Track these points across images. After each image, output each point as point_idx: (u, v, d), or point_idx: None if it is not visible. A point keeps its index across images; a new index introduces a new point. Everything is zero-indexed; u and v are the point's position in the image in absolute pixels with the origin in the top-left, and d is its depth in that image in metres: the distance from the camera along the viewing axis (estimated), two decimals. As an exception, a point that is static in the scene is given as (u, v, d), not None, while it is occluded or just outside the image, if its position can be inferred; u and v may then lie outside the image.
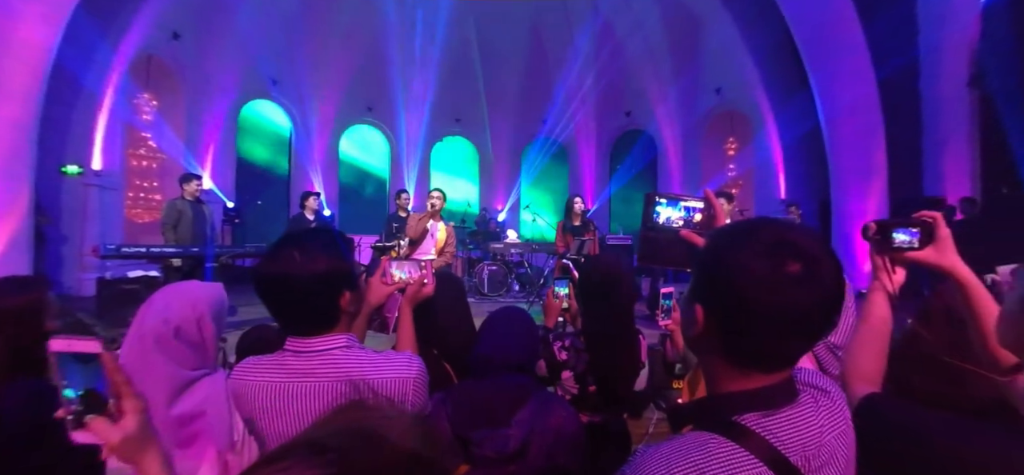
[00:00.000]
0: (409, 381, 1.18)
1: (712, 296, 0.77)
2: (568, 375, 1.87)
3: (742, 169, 12.54)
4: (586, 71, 12.71)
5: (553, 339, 1.91)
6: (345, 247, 1.25)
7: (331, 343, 1.16)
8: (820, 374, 0.89)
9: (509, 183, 14.41)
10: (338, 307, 1.17)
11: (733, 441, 0.72)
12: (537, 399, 1.41)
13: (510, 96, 13.66)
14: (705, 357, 0.82)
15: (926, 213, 1.06)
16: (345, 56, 12.20)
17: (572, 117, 13.43)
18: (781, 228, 0.74)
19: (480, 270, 8.91)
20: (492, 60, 13.14)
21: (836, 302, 0.74)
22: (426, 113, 12.93)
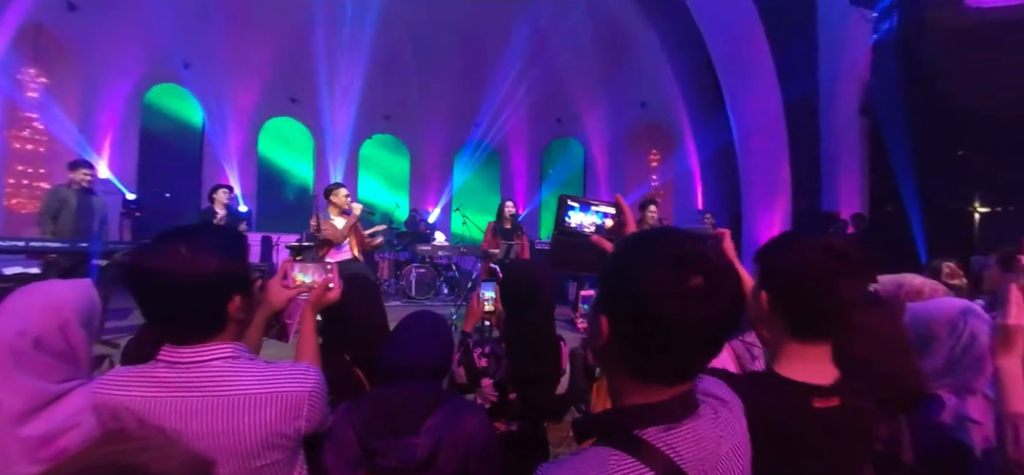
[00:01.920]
0: (304, 395, 1.09)
1: (615, 307, 0.75)
2: (488, 382, 1.83)
3: (664, 179, 13.16)
4: (519, 76, 12.82)
5: (473, 346, 1.86)
6: (240, 246, 1.14)
7: (214, 353, 1.04)
8: (720, 383, 0.90)
9: (441, 185, 14.22)
10: (225, 313, 1.06)
11: (633, 456, 0.71)
12: (448, 407, 1.36)
13: (443, 96, 13.47)
14: (609, 368, 0.81)
15: (717, 229, 1.27)
16: (267, 43, 11.53)
17: (504, 121, 13.49)
18: (684, 240, 0.74)
19: (408, 272, 8.72)
20: (425, 58, 12.92)
21: (735, 315, 0.75)
22: (354, 109, 12.46)
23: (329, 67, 12.03)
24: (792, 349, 1.04)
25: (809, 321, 1.02)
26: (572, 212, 1.09)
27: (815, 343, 1.03)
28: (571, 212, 1.09)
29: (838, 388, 1.01)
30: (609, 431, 0.76)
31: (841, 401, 1.00)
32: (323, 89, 12.25)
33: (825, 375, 1.02)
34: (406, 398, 1.37)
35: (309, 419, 1.11)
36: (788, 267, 1.03)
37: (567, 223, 1.09)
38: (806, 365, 1.02)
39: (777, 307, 1.04)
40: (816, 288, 0.99)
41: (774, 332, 1.07)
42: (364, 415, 1.36)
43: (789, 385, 1.00)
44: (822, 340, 1.03)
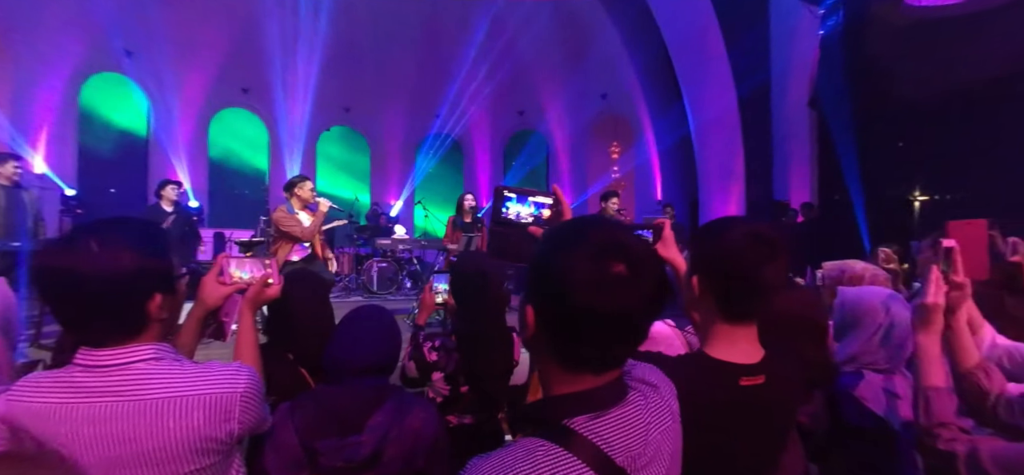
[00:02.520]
0: (235, 396, 1.04)
1: (541, 297, 0.75)
2: (438, 376, 1.81)
3: (625, 170, 13.37)
4: (481, 68, 12.75)
5: (424, 340, 1.84)
6: (159, 240, 1.08)
7: (135, 355, 0.98)
8: (652, 369, 0.91)
9: (402, 177, 14.02)
10: (145, 312, 1.00)
11: (561, 446, 0.71)
12: (393, 402, 1.34)
13: (404, 87, 13.26)
14: (539, 359, 0.80)
15: (657, 219, 1.31)
16: (217, 30, 11.07)
17: (465, 112, 13.40)
18: (608, 230, 0.74)
19: (369, 267, 8.55)
20: (385, 48, 12.68)
21: (658, 303, 0.75)
22: (311, 100, 12.11)
23: (284, 56, 11.64)
24: (721, 330, 1.08)
25: (736, 303, 1.07)
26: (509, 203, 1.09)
27: (742, 324, 1.08)
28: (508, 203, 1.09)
29: (763, 366, 1.06)
30: (538, 421, 0.76)
31: (766, 378, 1.05)
32: (278, 79, 11.84)
33: (751, 355, 1.07)
34: (350, 395, 1.33)
35: (242, 421, 1.06)
36: (717, 252, 1.07)
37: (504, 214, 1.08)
38: (734, 345, 1.07)
39: (707, 290, 1.08)
40: (743, 271, 1.03)
41: (704, 314, 1.12)
42: (306, 415, 1.32)
43: (718, 365, 1.05)
44: (748, 321, 1.08)
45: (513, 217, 1.09)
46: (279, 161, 12.50)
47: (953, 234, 1.46)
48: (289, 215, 4.44)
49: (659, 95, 11.11)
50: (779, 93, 9.55)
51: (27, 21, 8.95)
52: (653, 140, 11.85)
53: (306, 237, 4.46)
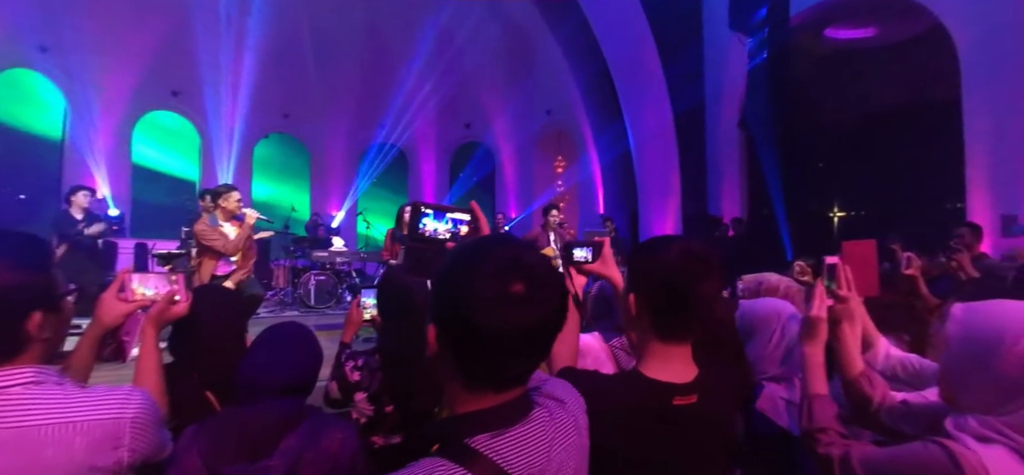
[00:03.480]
0: (124, 422, 0.98)
1: (442, 315, 0.75)
2: (362, 396, 1.76)
3: (569, 184, 13.63)
4: (427, 78, 12.68)
5: (346, 359, 1.79)
6: (40, 254, 1.00)
7: (11, 378, 0.91)
8: (562, 384, 0.93)
9: (344, 187, 13.66)
10: (23, 332, 0.93)
11: (460, 465, 0.71)
12: (308, 424, 1.29)
13: (347, 95, 12.96)
14: (443, 378, 0.80)
15: (597, 237, 1.32)
16: (145, 28, 10.45)
17: (411, 123, 13.26)
18: (510, 248, 0.76)
19: (306, 280, 8.24)
20: (327, 54, 12.37)
21: (558, 322, 0.77)
22: (246, 105, 11.60)
23: (218, 59, 11.11)
24: (656, 349, 1.09)
25: (671, 321, 1.08)
26: (426, 219, 1.08)
27: (676, 343, 1.09)
28: (425, 219, 1.08)
29: (696, 385, 1.08)
30: (440, 441, 0.75)
31: (699, 397, 1.06)
32: (210, 82, 11.28)
33: (685, 374, 1.08)
34: (261, 417, 1.27)
35: (133, 449, 1.00)
36: (653, 270, 1.09)
37: (421, 231, 1.08)
38: (668, 364, 1.08)
39: (643, 308, 1.09)
40: (677, 289, 1.05)
41: (640, 333, 1.13)
42: (212, 439, 1.24)
43: (652, 384, 1.06)
44: (683, 339, 1.10)
45: (430, 233, 1.09)
46: (211, 168, 11.86)
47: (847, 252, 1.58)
48: (212, 228, 4.17)
49: (601, 111, 11.43)
50: (712, 113, 10.07)
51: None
52: (596, 155, 12.16)
53: (230, 251, 4.19)
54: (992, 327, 0.97)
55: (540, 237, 6.08)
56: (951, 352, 1.05)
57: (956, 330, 1.03)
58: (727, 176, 10.04)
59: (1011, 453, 0.91)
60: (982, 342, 0.97)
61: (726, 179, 10.05)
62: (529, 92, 12.91)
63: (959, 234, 4.19)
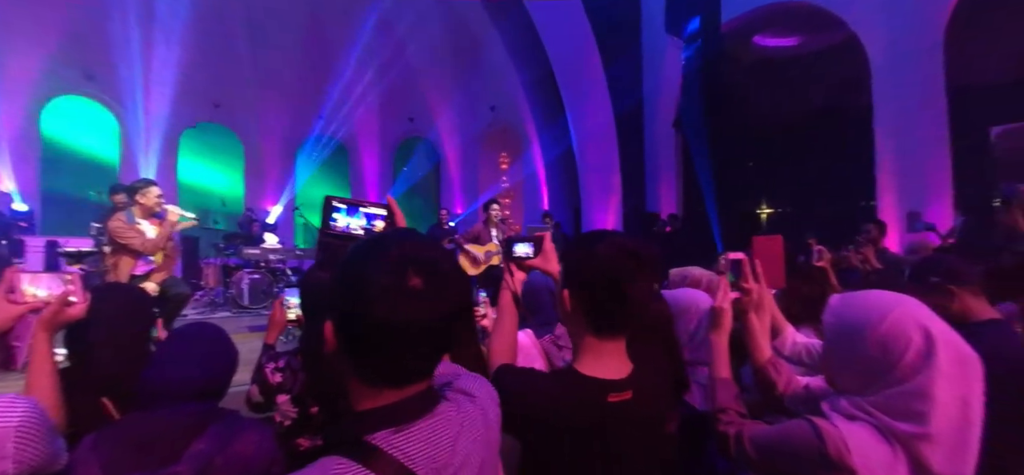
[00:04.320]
0: (8, 431, 0.91)
1: (341, 311, 0.74)
2: (284, 398, 1.71)
3: (514, 181, 13.71)
4: (370, 70, 12.36)
5: (267, 360, 1.73)
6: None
7: None
8: (474, 378, 0.94)
9: (281, 181, 13.09)
10: None
11: (360, 463, 0.70)
12: (219, 427, 1.24)
13: (284, 85, 12.39)
14: (342, 375, 0.79)
15: (538, 232, 1.34)
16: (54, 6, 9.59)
17: (352, 114, 12.89)
18: (411, 243, 0.75)
19: (239, 279, 7.83)
20: (261, 41, 11.81)
21: (460, 315, 0.78)
22: (172, 92, 10.88)
23: (139, 40, 10.33)
24: (591, 345, 1.10)
25: (605, 317, 1.09)
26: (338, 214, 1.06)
27: (611, 339, 1.10)
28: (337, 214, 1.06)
29: (631, 381, 1.09)
30: (340, 439, 0.75)
31: (633, 393, 1.08)
32: (131, 66, 10.47)
33: (619, 370, 1.10)
34: (165, 423, 1.21)
35: (18, 460, 0.93)
36: (586, 266, 1.10)
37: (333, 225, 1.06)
38: (602, 361, 1.09)
39: (578, 304, 1.10)
40: (611, 286, 1.06)
41: (576, 329, 1.14)
42: (113, 447, 1.17)
43: (586, 381, 1.07)
44: (617, 336, 1.11)
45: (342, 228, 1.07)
46: (132, 160, 11.02)
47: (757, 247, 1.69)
48: (128, 225, 3.88)
49: (545, 109, 11.57)
50: (650, 114, 10.43)
51: None
52: (540, 152, 12.30)
53: (149, 250, 3.92)
54: (859, 314, 1.06)
55: (482, 233, 6.08)
56: (827, 339, 1.14)
57: (831, 319, 1.12)
58: (664, 174, 10.43)
59: (873, 430, 1.00)
60: (850, 328, 1.07)
61: (663, 177, 10.44)
62: (474, 88, 12.87)
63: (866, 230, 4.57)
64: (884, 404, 1.00)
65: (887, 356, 1.00)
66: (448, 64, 12.80)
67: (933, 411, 0.95)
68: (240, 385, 1.89)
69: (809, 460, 1.03)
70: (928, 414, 0.95)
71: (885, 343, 1.00)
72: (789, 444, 1.09)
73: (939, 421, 0.95)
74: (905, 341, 0.99)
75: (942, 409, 0.95)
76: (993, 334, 1.67)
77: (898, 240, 6.82)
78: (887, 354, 1.00)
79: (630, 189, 10.34)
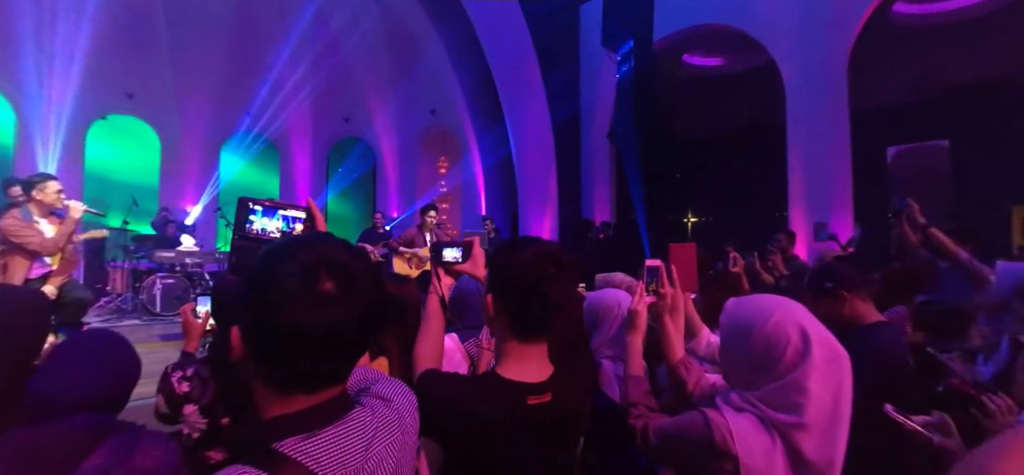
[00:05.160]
0: None
1: (249, 316, 0.72)
2: (192, 409, 1.61)
3: (452, 184, 13.65)
4: (302, 64, 11.88)
5: (172, 370, 1.62)
6: None
7: None
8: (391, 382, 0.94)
9: (202, 179, 12.31)
10: None
11: (265, 471, 0.68)
12: (116, 441, 1.15)
13: (207, 76, 11.66)
14: (250, 382, 0.77)
15: (467, 237, 1.41)
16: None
17: (282, 110, 12.34)
18: (322, 247, 0.74)
19: (151, 284, 7.29)
20: (182, 28, 11.08)
21: (372, 320, 0.77)
22: (77, 81, 9.97)
23: (39, 22, 9.42)
24: (512, 349, 1.13)
25: (526, 321, 1.12)
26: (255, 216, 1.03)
27: (532, 342, 1.13)
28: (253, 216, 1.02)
29: (550, 384, 1.12)
30: (247, 447, 0.72)
31: (553, 396, 1.11)
32: (28, 50, 9.51)
33: (540, 373, 1.13)
34: (57, 435, 1.11)
35: None
36: (508, 271, 1.12)
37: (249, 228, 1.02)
38: (523, 364, 1.12)
39: (501, 309, 1.12)
40: (532, 290, 1.09)
41: (499, 333, 1.16)
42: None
43: (507, 385, 1.09)
44: (538, 339, 1.14)
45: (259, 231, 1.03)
46: (29, 152, 9.97)
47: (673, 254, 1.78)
48: (24, 223, 3.53)
49: (484, 114, 11.62)
50: (587, 123, 10.73)
51: None
52: (479, 157, 12.32)
53: (49, 251, 3.58)
54: (747, 316, 1.17)
55: (416, 237, 6.02)
56: (722, 338, 1.25)
57: (725, 320, 1.23)
58: (599, 183, 10.75)
59: (756, 421, 1.10)
60: (740, 328, 1.17)
61: (597, 185, 10.76)
62: (413, 89, 12.70)
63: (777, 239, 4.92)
64: (766, 397, 1.10)
65: (770, 353, 1.10)
66: (386, 64, 12.56)
67: (808, 403, 1.05)
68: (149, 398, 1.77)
69: (700, 448, 1.12)
70: (803, 406, 1.05)
71: (769, 341, 1.10)
72: (684, 433, 1.18)
73: (813, 412, 1.05)
74: (785, 340, 1.09)
75: (816, 401, 1.05)
76: (879, 335, 1.85)
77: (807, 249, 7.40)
78: (770, 351, 1.10)
79: (566, 196, 10.58)
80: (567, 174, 10.56)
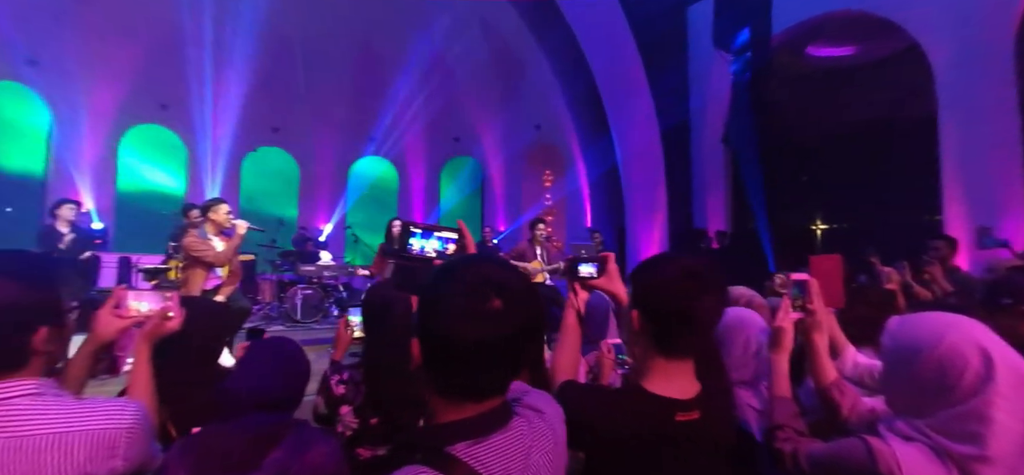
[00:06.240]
0: (120, 432, 1.02)
1: (424, 330, 0.81)
2: (347, 410, 1.79)
3: (557, 198, 13.74)
4: (417, 92, 12.78)
5: (331, 373, 1.82)
6: (48, 272, 1.05)
7: (12, 390, 0.94)
8: (541, 395, 0.98)
9: (333, 201, 13.64)
10: (29, 346, 0.97)
11: (440, 472, 0.75)
12: (293, 438, 1.32)
13: (336, 109, 12.99)
14: (425, 389, 0.85)
15: (603, 253, 1.40)
16: (132, 40, 10.43)
17: (401, 137, 13.34)
18: (486, 267, 0.81)
19: (293, 294, 8.20)
20: (317, 69, 12.42)
21: (535, 336, 0.83)
22: (235, 118, 11.60)
23: (207, 72, 11.10)
24: (658, 365, 1.12)
25: (672, 338, 1.11)
26: (414, 238, 1.14)
27: (678, 359, 1.12)
28: (413, 238, 1.14)
29: (699, 401, 1.11)
30: (421, 449, 0.80)
31: (701, 414, 1.10)
32: (199, 95, 11.25)
33: (687, 390, 1.11)
34: (247, 431, 1.31)
35: (127, 458, 1.03)
36: (653, 287, 1.13)
37: (410, 249, 1.14)
38: (670, 380, 1.11)
39: (645, 325, 1.13)
40: (677, 308, 1.09)
41: (643, 348, 1.16)
42: (199, 452, 1.27)
43: (654, 400, 1.09)
44: (684, 356, 1.13)
45: (418, 251, 1.15)
46: (198, 182, 11.79)
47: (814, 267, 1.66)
48: (201, 240, 4.15)
49: (589, 126, 11.58)
50: (697, 129, 10.25)
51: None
52: (584, 169, 12.30)
53: (220, 263, 4.18)
54: (915, 337, 1.05)
55: (527, 251, 6.14)
56: (884, 361, 1.14)
57: (888, 341, 1.12)
58: (712, 191, 10.20)
59: (927, 451, 0.99)
60: (907, 351, 1.06)
61: (711, 193, 10.21)
62: (518, 107, 13.05)
63: (934, 247, 4.26)
64: (941, 426, 0.99)
65: (944, 378, 0.99)
66: (493, 86, 13.05)
67: (991, 434, 0.94)
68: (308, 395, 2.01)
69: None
70: (986, 436, 0.94)
71: (942, 365, 0.99)
72: (842, 461, 1.10)
73: (998, 443, 0.94)
74: (962, 363, 0.98)
75: (1001, 431, 0.94)
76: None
77: (968, 258, 6.41)
78: (944, 376, 0.99)
79: (676, 206, 10.16)
80: (677, 182, 10.16)
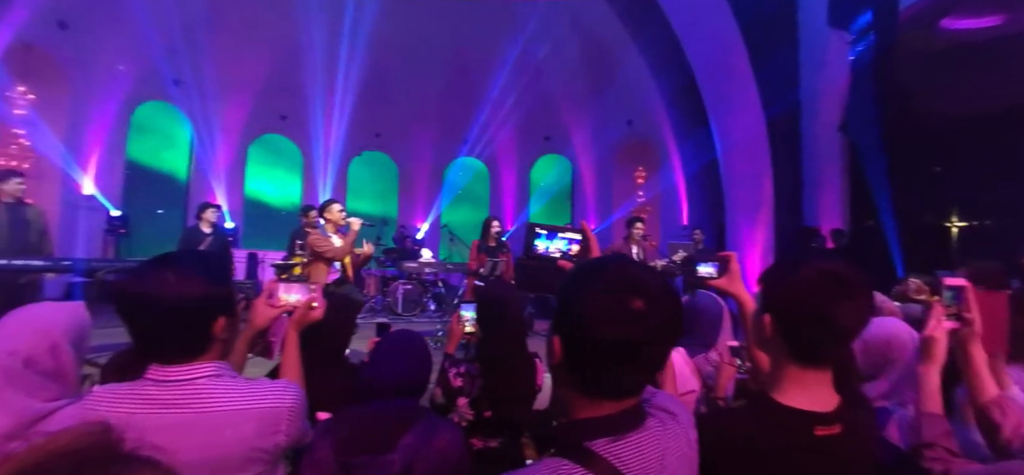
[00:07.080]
0: (283, 410, 1.15)
1: (565, 329, 0.83)
2: (463, 401, 1.88)
3: (650, 195, 13.32)
4: (508, 93, 12.99)
5: (449, 366, 1.92)
6: (225, 270, 1.21)
7: (197, 371, 1.10)
8: (671, 398, 0.97)
9: (429, 200, 14.30)
10: (210, 334, 1.12)
11: (582, 465, 0.77)
12: (423, 424, 1.42)
13: (432, 113, 13.61)
14: (562, 386, 0.88)
15: (723, 252, 1.34)
16: (257, 59, 11.61)
17: (493, 138, 13.65)
18: (627, 268, 0.82)
19: (395, 289, 8.74)
20: (414, 75, 13.06)
21: (673, 336, 0.82)
22: (345, 125, 12.54)
23: (320, 84, 12.10)
24: (792, 374, 1.03)
25: (809, 346, 1.02)
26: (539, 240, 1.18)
27: (816, 368, 1.03)
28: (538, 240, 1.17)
29: (839, 415, 1.01)
30: (561, 443, 0.83)
31: (843, 428, 1.00)
32: (313, 106, 12.32)
33: (826, 402, 1.02)
34: (382, 415, 1.42)
35: (288, 434, 1.16)
36: (788, 291, 1.03)
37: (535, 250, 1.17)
38: (806, 391, 1.02)
39: (778, 332, 1.05)
40: (815, 313, 0.99)
41: (774, 356, 1.08)
42: (341, 432, 1.40)
43: (789, 413, 1.00)
44: (822, 365, 1.03)
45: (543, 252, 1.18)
46: (312, 184, 12.93)
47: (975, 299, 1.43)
48: (323, 237, 4.57)
49: (685, 120, 11.10)
50: (809, 117, 9.44)
51: (86, 55, 9.57)
52: (679, 165, 11.82)
53: (337, 257, 4.58)
54: None
55: (623, 249, 6.03)
56: None
57: None
58: (826, 184, 9.35)
59: None
60: None
61: (825, 187, 9.37)
62: (609, 103, 12.83)
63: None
64: None
65: None
66: (583, 82, 12.94)
67: None
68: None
69: None
70: None
71: None
72: None
73: None
74: None
75: None
76: None
77: None
78: None
79: (784, 201, 9.43)
80: (785, 176, 9.41)
